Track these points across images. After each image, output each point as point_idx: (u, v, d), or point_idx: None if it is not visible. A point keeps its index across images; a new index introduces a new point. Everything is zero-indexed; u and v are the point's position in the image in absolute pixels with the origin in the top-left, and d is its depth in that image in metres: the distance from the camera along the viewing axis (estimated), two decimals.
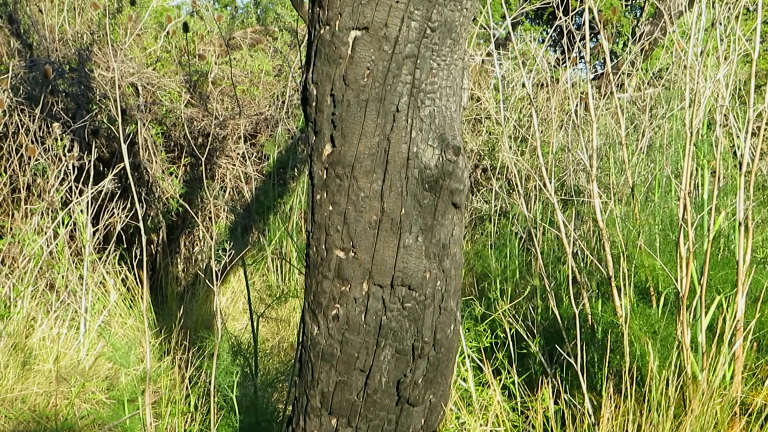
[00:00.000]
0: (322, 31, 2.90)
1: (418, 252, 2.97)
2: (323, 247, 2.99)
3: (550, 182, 4.66)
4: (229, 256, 4.76)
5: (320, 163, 2.96)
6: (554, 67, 8.70)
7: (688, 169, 3.77)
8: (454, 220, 3.05)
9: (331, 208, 2.95)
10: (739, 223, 3.86)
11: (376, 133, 2.88)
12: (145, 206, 7.49)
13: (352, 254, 2.95)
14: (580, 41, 5.22)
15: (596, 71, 10.22)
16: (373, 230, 2.93)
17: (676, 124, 5.69)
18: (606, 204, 4.85)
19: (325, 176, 2.95)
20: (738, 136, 4.48)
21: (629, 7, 11.52)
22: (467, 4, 2.94)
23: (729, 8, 4.23)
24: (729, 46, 4.29)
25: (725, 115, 4.66)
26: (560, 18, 4.67)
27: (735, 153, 5.93)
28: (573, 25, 7.43)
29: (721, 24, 4.07)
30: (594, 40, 10.79)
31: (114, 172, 6.77)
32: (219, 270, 4.11)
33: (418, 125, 2.91)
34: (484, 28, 7.05)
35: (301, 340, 3.22)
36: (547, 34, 13.28)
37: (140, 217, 3.73)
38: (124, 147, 3.72)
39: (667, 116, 5.78)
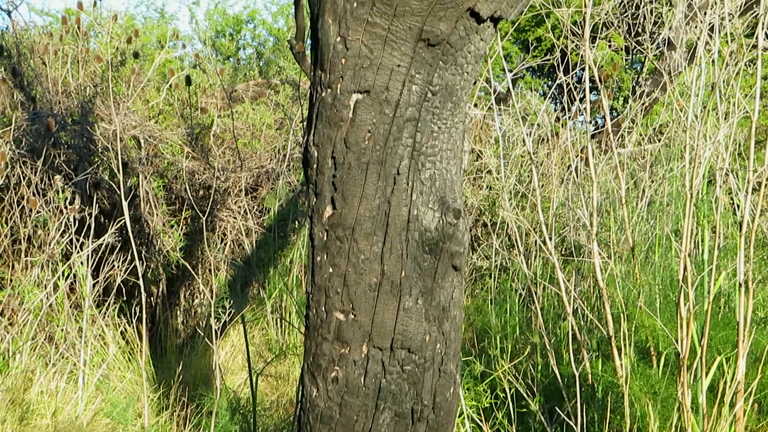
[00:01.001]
0: (323, 94, 2.91)
1: (418, 315, 2.97)
2: (323, 309, 2.99)
3: (551, 239, 4.66)
4: (228, 314, 4.75)
5: (321, 225, 2.96)
6: (555, 120, 8.74)
7: (688, 231, 3.78)
8: (454, 282, 3.05)
9: (331, 270, 2.95)
10: (740, 284, 3.86)
11: (377, 196, 2.88)
12: (145, 259, 7.49)
13: (352, 316, 2.95)
14: (580, 100, 5.25)
15: (597, 125, 10.26)
16: (373, 293, 2.92)
17: (676, 184, 5.71)
18: (606, 263, 4.85)
19: (325, 238, 2.95)
20: (738, 195, 4.49)
21: (630, 62, 11.59)
22: (468, 68, 2.96)
23: (728, 70, 4.26)
24: (729, 108, 4.31)
25: (726, 173, 4.67)
26: (560, 77, 4.70)
27: (735, 210, 5.95)
28: (574, 77, 7.46)
29: (720, 87, 4.10)
30: (595, 93, 10.85)
31: (115, 226, 6.77)
32: (218, 328, 4.10)
33: (419, 188, 2.92)
34: (486, 83, 7.08)
35: (299, 401, 3.21)
36: (549, 87, 13.37)
37: (140, 275, 3.74)
38: (125, 204, 3.73)
39: (667, 177, 5.80)
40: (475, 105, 8.87)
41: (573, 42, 5.54)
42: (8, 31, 8.79)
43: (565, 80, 4.86)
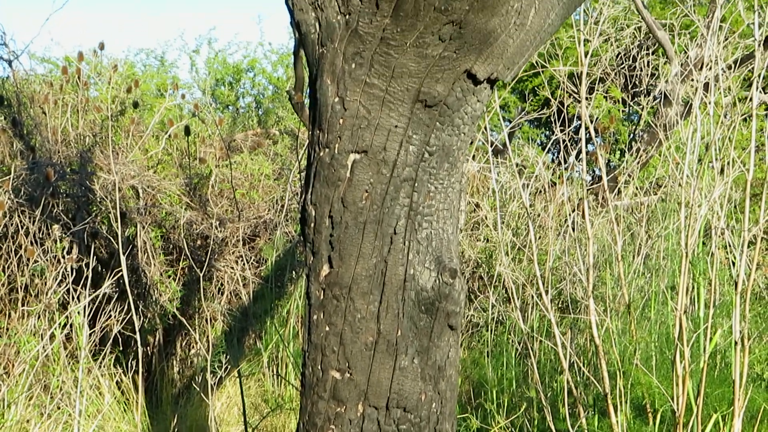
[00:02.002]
0: (321, 154, 2.94)
1: (413, 374, 2.97)
2: (319, 367, 3.00)
3: (547, 293, 4.67)
4: (224, 368, 4.75)
5: (317, 284, 2.98)
6: (552, 170, 8.77)
7: (683, 289, 3.79)
8: (450, 342, 3.06)
9: (327, 328, 2.96)
10: (735, 342, 3.87)
11: (374, 255, 2.90)
12: (142, 311, 7.48)
13: (348, 375, 2.95)
14: (576, 156, 5.28)
15: (594, 176, 10.29)
16: (370, 351, 2.93)
17: (672, 240, 5.73)
18: (603, 320, 4.85)
19: (322, 297, 2.97)
20: (733, 252, 4.51)
21: (627, 113, 11.65)
22: (465, 129, 2.99)
23: (722, 128, 4.29)
24: (724, 163, 4.34)
25: (722, 230, 4.69)
26: (557, 132, 4.74)
27: (732, 263, 5.96)
28: (572, 127, 7.50)
29: (715, 144, 4.13)
30: (592, 145, 10.89)
31: (112, 277, 6.77)
32: (214, 382, 4.09)
33: (415, 248, 2.94)
34: (483, 132, 7.12)
35: None
36: (547, 137, 13.41)
37: (137, 329, 3.74)
38: (122, 258, 3.74)
39: (663, 235, 5.82)
40: (473, 157, 8.91)
41: (570, 96, 5.58)
42: (9, 80, 8.84)
43: (562, 137, 4.90)
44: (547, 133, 13.54)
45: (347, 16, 2.86)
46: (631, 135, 10.56)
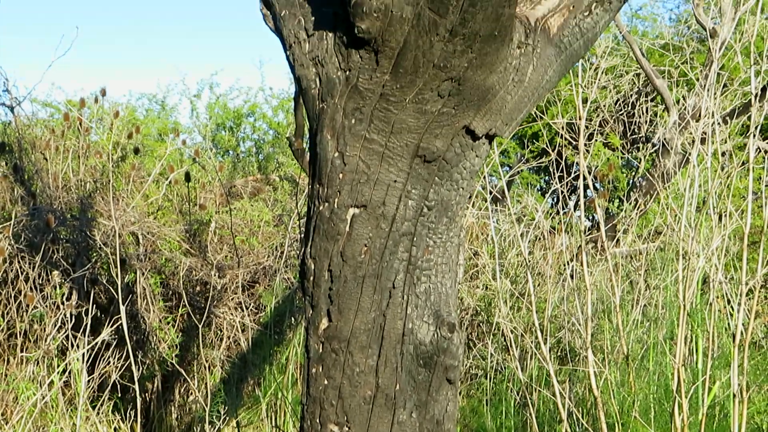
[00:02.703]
0: (321, 208, 2.96)
1: (412, 428, 2.97)
2: (317, 420, 3.00)
3: (545, 343, 4.68)
4: (222, 419, 4.74)
5: (316, 337, 2.99)
6: (551, 216, 8.78)
7: (681, 341, 3.80)
8: (448, 395, 3.06)
9: (326, 382, 2.97)
10: (734, 395, 3.87)
11: (372, 309, 2.91)
12: (140, 358, 7.47)
13: (347, 429, 2.96)
14: (575, 206, 5.31)
15: (593, 220, 10.30)
16: (368, 405, 2.94)
17: (670, 291, 5.74)
18: (601, 371, 4.86)
19: (321, 350, 2.98)
20: (730, 303, 4.52)
21: (626, 159, 11.68)
22: (464, 183, 3.01)
23: (719, 180, 4.32)
24: (722, 215, 4.36)
25: (720, 282, 4.71)
26: (555, 181, 4.76)
27: (730, 314, 5.96)
28: (571, 177, 7.52)
29: (712, 196, 4.16)
30: (594, 189, 10.90)
31: (111, 325, 6.77)
32: None
33: (414, 302, 2.95)
34: (482, 180, 7.15)
35: None
36: (546, 182, 13.44)
37: (136, 378, 3.74)
38: (122, 306, 3.75)
39: (661, 287, 5.84)
40: (472, 204, 8.94)
41: (569, 145, 5.61)
42: (11, 126, 8.89)
43: (561, 187, 4.93)
44: (547, 178, 13.57)
45: (347, 72, 2.89)
46: (630, 182, 10.59)
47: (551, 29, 3.03)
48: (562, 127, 4.80)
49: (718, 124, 4.45)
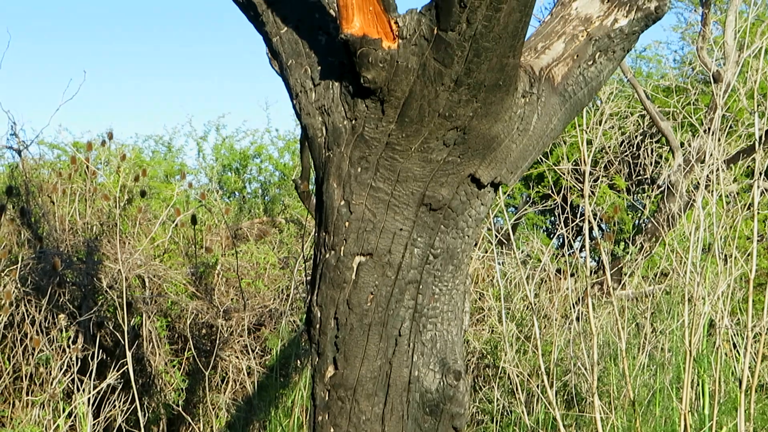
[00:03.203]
0: (327, 256, 2.97)
1: None
2: None
3: (551, 387, 4.67)
4: None
5: (322, 385, 2.99)
6: (557, 257, 8.76)
7: (687, 388, 3.80)
8: None
9: (332, 430, 2.97)
10: None
11: (379, 357, 2.92)
12: (146, 405, 7.46)
13: None
14: (580, 249, 5.32)
15: (598, 260, 10.27)
16: None
17: (677, 335, 5.74)
18: (608, 417, 4.84)
19: (327, 398, 2.98)
20: (737, 347, 4.52)
21: (631, 200, 11.68)
22: (469, 231, 3.03)
23: (725, 219, 4.33)
24: (727, 258, 4.37)
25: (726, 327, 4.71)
26: (561, 226, 4.78)
27: (736, 358, 5.95)
28: (575, 223, 7.53)
29: (718, 242, 4.17)
30: (598, 230, 10.88)
31: (117, 370, 6.76)
32: None
33: (420, 350, 2.96)
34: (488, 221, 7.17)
35: None
36: (552, 223, 13.43)
37: (142, 423, 3.74)
38: (128, 352, 3.76)
39: (667, 332, 5.83)
40: (478, 247, 8.94)
41: (574, 189, 5.63)
42: (19, 169, 8.93)
43: (566, 232, 4.95)
44: (553, 219, 13.56)
45: (353, 121, 2.92)
46: (636, 224, 10.59)
47: (555, 78, 3.06)
48: (568, 172, 4.83)
49: (722, 170, 4.47)
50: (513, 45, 2.77)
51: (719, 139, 4.56)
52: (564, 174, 5.05)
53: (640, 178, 10.83)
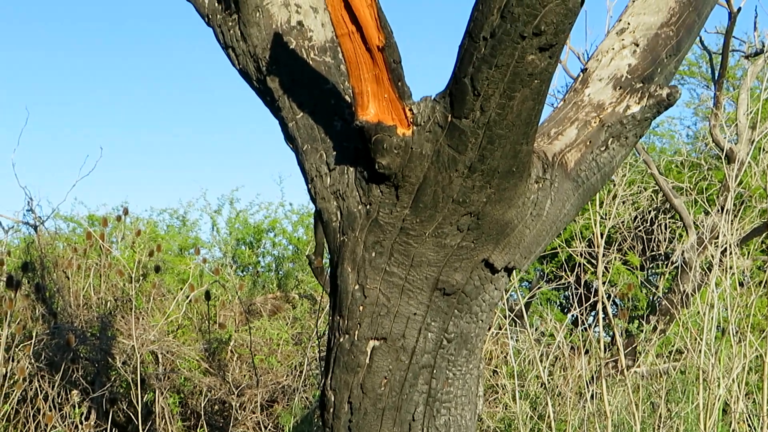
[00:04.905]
0: (341, 340, 2.99)
1: None
2: None
3: None
4: None
5: None
6: (571, 332, 8.72)
7: None
8: None
9: None
10: None
11: None
12: None
13: None
14: (593, 328, 5.32)
15: (612, 336, 10.20)
16: None
17: (692, 417, 5.70)
18: None
19: None
20: (752, 429, 4.49)
21: (645, 275, 11.64)
22: (483, 316, 3.04)
23: (738, 308, 4.33)
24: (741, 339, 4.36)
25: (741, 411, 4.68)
26: (575, 308, 4.78)
27: None
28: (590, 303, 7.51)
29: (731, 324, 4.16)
30: (612, 306, 10.84)
31: None
32: None
33: None
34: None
35: None
36: (566, 299, 13.38)
37: None
38: (142, 430, 3.76)
39: (682, 414, 5.80)
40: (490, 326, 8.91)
41: (587, 264, 5.63)
42: (35, 245, 8.99)
43: (579, 312, 4.94)
44: (567, 294, 13.51)
45: (368, 206, 2.95)
46: (650, 301, 10.55)
47: (568, 164, 3.09)
48: (581, 253, 4.85)
49: (734, 252, 4.48)
50: (526, 132, 2.80)
51: (731, 221, 4.58)
52: (578, 255, 5.07)
53: (654, 254, 10.81)
